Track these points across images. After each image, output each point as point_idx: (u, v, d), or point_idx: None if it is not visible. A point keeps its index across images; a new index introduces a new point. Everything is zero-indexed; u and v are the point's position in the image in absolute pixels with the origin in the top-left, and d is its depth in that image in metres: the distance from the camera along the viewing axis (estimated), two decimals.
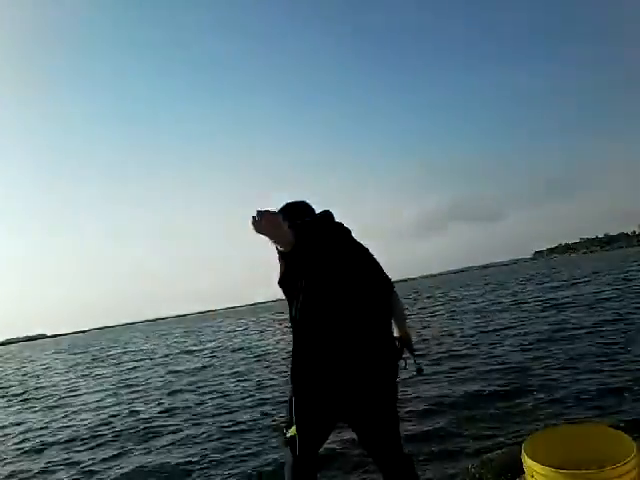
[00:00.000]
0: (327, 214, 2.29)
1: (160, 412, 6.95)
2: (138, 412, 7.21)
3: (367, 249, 2.29)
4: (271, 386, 7.72)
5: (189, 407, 7.01)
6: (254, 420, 5.66)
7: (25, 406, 9.90)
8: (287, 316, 2.13)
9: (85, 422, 7.12)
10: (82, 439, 6.11)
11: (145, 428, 6.13)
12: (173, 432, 5.75)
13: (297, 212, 2.28)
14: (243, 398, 6.94)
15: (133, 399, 8.47)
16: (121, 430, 6.23)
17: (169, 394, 8.37)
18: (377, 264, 2.29)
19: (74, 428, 6.87)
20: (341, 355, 2.02)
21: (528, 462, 1.85)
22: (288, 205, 2.34)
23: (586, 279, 22.17)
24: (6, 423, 8.16)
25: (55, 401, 9.82)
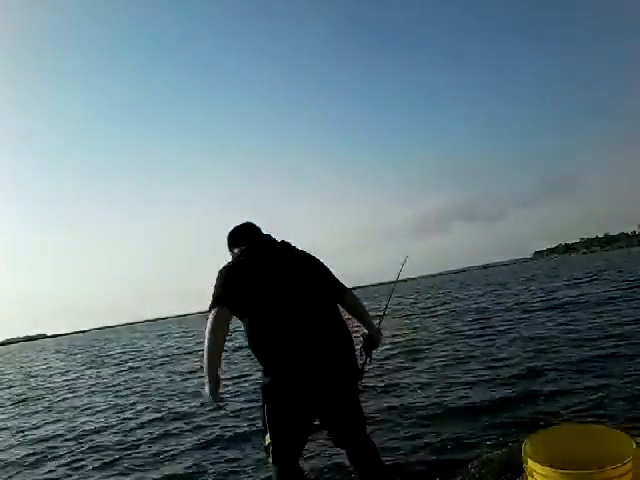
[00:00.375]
0: (266, 237, 2.41)
1: (162, 416, 6.79)
2: (140, 415, 7.11)
3: (314, 257, 2.42)
4: None
5: (191, 410, 6.90)
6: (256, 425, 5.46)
7: (26, 407, 9.87)
8: (216, 296, 2.24)
9: (86, 425, 7.03)
10: (82, 442, 6.01)
11: (147, 432, 6.01)
12: (175, 436, 5.64)
13: (243, 235, 2.42)
14: (247, 400, 6.79)
15: (135, 401, 8.37)
16: (124, 434, 6.09)
17: (171, 396, 8.26)
18: (326, 269, 2.39)
19: (75, 430, 6.80)
20: (302, 360, 2.14)
21: (528, 462, 1.86)
22: (234, 231, 2.48)
23: (588, 279, 22.11)
24: (9, 425, 8.08)
25: (56, 403, 9.75)
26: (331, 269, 2.44)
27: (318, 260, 2.43)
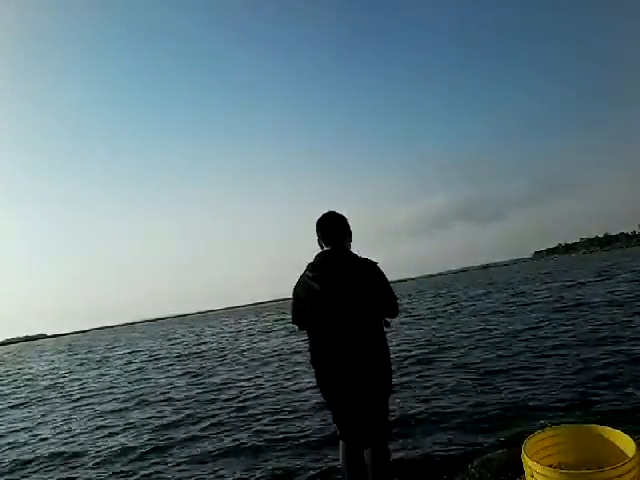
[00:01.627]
0: (335, 246, 2.58)
1: (176, 421, 6.40)
2: (155, 419, 6.74)
3: (373, 275, 2.51)
4: (281, 391, 7.68)
5: (205, 414, 6.58)
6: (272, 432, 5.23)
7: (33, 410, 9.75)
8: (291, 316, 2.71)
9: (94, 432, 6.70)
10: (88, 450, 5.69)
11: (158, 439, 5.62)
12: (186, 446, 5.29)
13: (322, 233, 2.62)
14: (261, 405, 6.59)
15: (148, 404, 8.07)
16: (139, 441, 5.70)
17: (182, 400, 7.85)
18: (379, 290, 2.50)
19: (81, 436, 6.61)
20: (333, 373, 2.50)
21: (528, 462, 1.85)
22: (319, 222, 2.64)
23: (593, 279, 21.95)
24: (17, 429, 7.76)
25: (63, 406, 9.52)
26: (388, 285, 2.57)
27: (375, 276, 2.52)
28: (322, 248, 2.67)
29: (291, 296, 2.67)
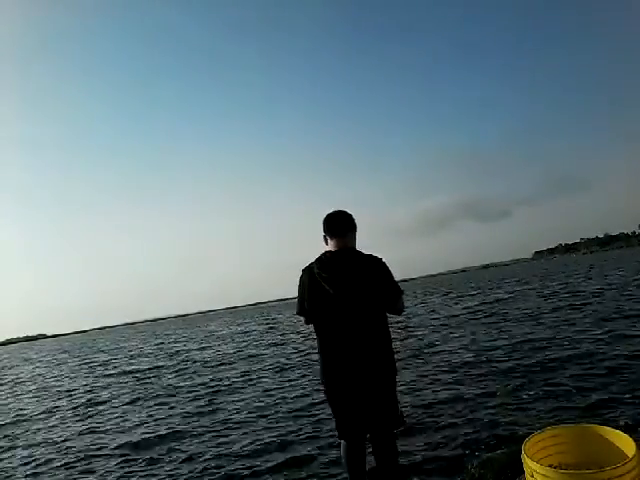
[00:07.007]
0: (340, 246, 2.64)
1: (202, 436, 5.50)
2: (175, 429, 5.94)
3: (377, 268, 2.59)
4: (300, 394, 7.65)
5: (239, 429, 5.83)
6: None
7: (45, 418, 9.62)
8: (297, 309, 2.76)
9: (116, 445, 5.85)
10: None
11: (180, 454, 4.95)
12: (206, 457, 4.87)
13: (328, 230, 2.67)
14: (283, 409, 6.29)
15: (170, 411, 7.26)
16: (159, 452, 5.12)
17: (204, 412, 6.71)
18: (383, 283, 2.60)
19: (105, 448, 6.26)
20: (340, 368, 2.61)
21: (528, 462, 1.86)
22: (326, 220, 2.70)
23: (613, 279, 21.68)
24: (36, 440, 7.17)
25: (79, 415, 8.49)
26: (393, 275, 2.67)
27: (380, 271, 2.60)
28: (326, 243, 2.70)
29: (291, 296, 2.72)
